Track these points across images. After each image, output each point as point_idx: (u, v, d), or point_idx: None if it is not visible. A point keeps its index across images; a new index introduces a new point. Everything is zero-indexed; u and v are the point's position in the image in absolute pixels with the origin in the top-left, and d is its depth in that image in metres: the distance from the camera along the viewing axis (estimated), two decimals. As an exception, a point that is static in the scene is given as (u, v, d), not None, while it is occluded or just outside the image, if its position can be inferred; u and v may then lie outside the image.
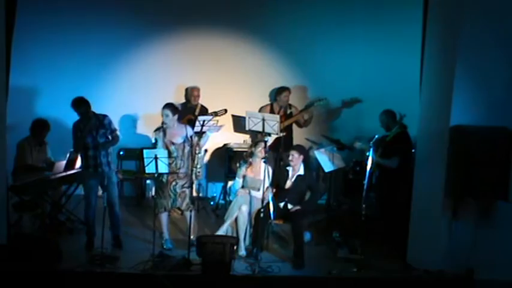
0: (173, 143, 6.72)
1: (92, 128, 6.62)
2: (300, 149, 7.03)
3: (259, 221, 6.64)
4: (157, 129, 6.77)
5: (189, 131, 6.82)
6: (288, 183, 6.93)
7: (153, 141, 6.78)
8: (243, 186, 7.04)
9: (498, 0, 6.07)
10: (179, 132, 6.77)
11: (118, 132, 6.86)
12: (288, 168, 6.95)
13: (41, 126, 7.39)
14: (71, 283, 5.96)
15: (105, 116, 6.76)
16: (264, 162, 6.80)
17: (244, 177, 7.03)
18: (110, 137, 6.73)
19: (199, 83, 8.50)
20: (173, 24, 8.65)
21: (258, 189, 6.85)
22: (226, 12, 8.61)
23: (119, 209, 6.87)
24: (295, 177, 6.91)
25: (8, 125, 6.50)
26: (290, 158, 6.89)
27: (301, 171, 6.88)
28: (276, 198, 6.77)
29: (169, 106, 6.80)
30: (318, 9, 8.61)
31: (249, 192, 6.92)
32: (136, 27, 8.55)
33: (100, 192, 6.87)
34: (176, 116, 6.79)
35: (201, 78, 8.57)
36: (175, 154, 6.68)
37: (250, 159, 7.06)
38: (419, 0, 6.60)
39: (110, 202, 6.75)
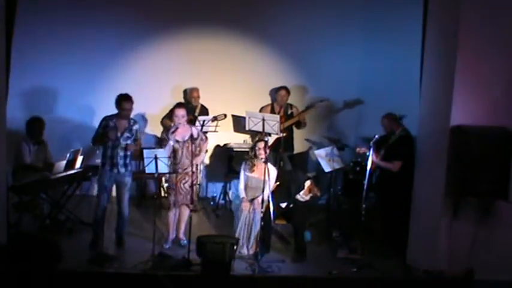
0: (178, 141, 6.74)
1: (119, 128, 6.65)
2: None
3: (262, 222, 6.66)
4: (171, 130, 6.77)
5: (194, 131, 6.81)
6: (302, 198, 7.05)
7: (161, 138, 6.77)
8: (245, 189, 7.02)
9: (498, 0, 6.07)
10: (186, 131, 6.79)
11: (141, 141, 6.91)
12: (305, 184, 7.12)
13: (36, 124, 7.38)
14: (71, 283, 5.95)
15: (135, 121, 6.84)
16: (264, 162, 6.79)
17: (248, 178, 7.00)
18: (132, 142, 6.74)
19: (199, 84, 8.50)
20: (173, 25, 8.65)
21: (263, 190, 6.83)
22: (226, 12, 8.61)
23: (128, 211, 6.87)
24: (310, 197, 7.10)
25: (8, 125, 6.50)
26: (315, 191, 7.14)
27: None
28: (276, 197, 6.78)
29: (184, 105, 6.94)
30: (318, 10, 8.61)
31: (252, 200, 6.90)
32: (136, 27, 8.55)
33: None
34: (186, 117, 6.84)
35: (201, 78, 8.57)
36: (179, 151, 6.70)
37: (255, 161, 6.97)
38: (419, 0, 6.60)
39: (119, 203, 6.79)
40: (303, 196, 6.98)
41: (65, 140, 8.21)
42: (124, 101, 6.66)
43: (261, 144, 6.92)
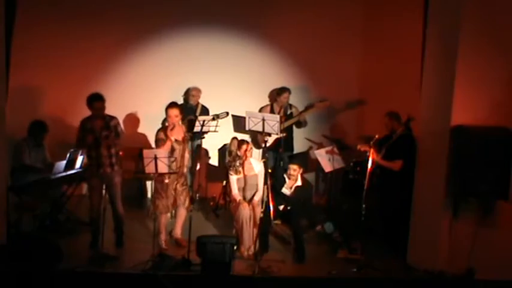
0: (176, 140, 6.75)
1: (95, 128, 6.60)
2: (300, 163, 7.13)
3: (261, 222, 6.67)
4: (163, 128, 6.76)
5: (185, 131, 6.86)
6: (287, 191, 6.99)
7: (158, 138, 6.74)
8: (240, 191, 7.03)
9: (497, 0, 6.07)
10: (180, 130, 6.80)
11: (122, 135, 6.83)
12: (284, 175, 7.04)
13: (39, 128, 7.40)
14: (71, 283, 5.96)
15: (112, 117, 6.75)
16: (264, 162, 6.79)
17: (238, 180, 7.01)
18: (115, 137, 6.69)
19: (200, 83, 8.50)
20: (173, 24, 8.66)
21: (256, 187, 6.83)
22: (227, 12, 8.61)
23: (121, 209, 6.85)
24: (293, 187, 6.97)
25: (8, 125, 6.50)
26: (291, 172, 6.95)
27: (299, 182, 7.00)
28: (273, 199, 6.78)
29: (177, 105, 6.90)
30: (319, 9, 8.61)
31: (250, 200, 6.93)
32: (137, 27, 8.55)
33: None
34: (180, 116, 6.83)
35: (201, 78, 8.57)
36: (177, 151, 6.71)
37: (237, 163, 6.97)
38: (419, 0, 6.60)
39: (112, 204, 6.79)
40: (286, 190, 6.99)
41: (65, 140, 8.19)
42: (94, 101, 6.59)
43: (247, 146, 6.94)
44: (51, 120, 7.91)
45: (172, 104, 6.86)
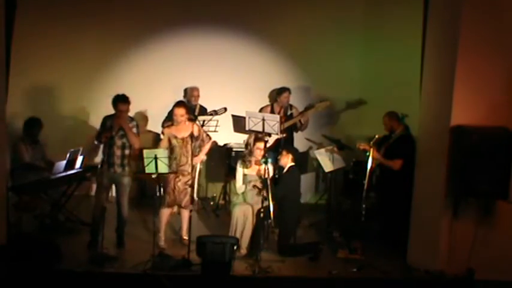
0: (176, 137, 6.75)
1: (115, 127, 6.63)
2: (288, 148, 7.22)
3: (258, 221, 6.69)
4: (167, 126, 6.80)
5: (195, 130, 6.85)
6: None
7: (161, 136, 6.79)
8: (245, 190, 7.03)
9: (497, 1, 6.07)
10: (185, 129, 6.81)
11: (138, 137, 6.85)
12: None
13: (33, 124, 7.41)
14: (71, 283, 5.96)
15: (132, 119, 6.83)
16: (265, 162, 6.79)
17: (245, 176, 7.01)
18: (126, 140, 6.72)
19: (199, 83, 8.49)
20: (173, 25, 8.66)
21: (262, 188, 6.84)
22: (227, 12, 8.62)
23: (126, 211, 6.85)
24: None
25: (8, 124, 6.50)
26: (279, 156, 7.02)
27: (285, 170, 7.00)
28: (273, 199, 6.78)
29: (184, 104, 7.00)
30: (319, 10, 8.61)
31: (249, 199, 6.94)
32: (137, 27, 8.55)
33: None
34: (186, 115, 6.85)
35: (201, 78, 8.57)
36: (177, 149, 6.70)
37: (250, 158, 7.02)
38: (419, 1, 6.61)
39: (118, 204, 6.79)
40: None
41: (65, 140, 8.20)
42: (120, 102, 6.64)
43: (261, 145, 6.92)
44: (52, 120, 7.92)
45: (179, 103, 7.01)
